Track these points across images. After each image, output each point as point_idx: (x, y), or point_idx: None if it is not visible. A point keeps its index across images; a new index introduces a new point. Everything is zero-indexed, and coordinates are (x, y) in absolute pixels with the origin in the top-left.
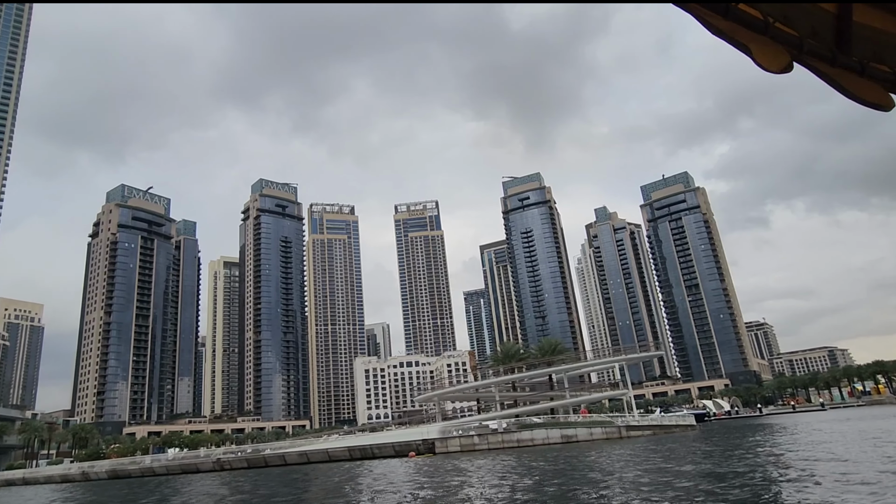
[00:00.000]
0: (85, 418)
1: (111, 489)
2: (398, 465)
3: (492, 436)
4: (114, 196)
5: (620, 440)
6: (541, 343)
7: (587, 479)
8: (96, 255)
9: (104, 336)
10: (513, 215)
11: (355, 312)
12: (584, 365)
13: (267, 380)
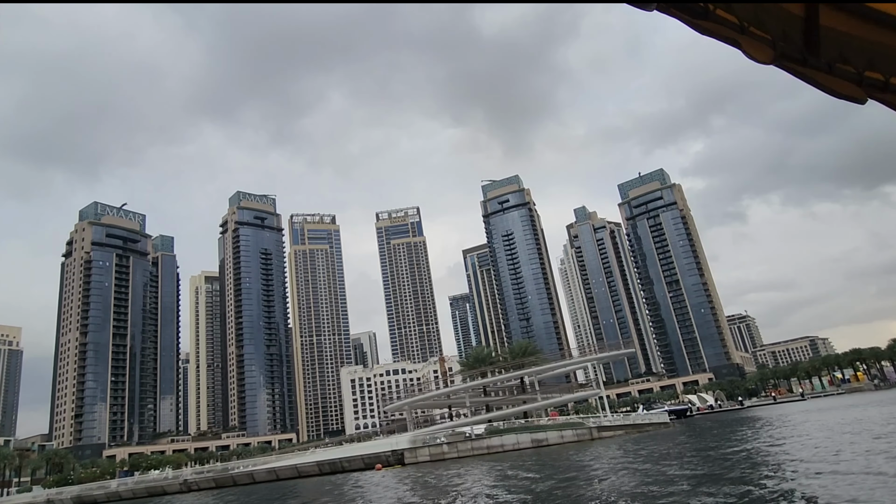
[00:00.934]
0: (63, 442)
1: None
2: (357, 481)
3: (461, 443)
4: (87, 214)
5: (592, 442)
6: (511, 346)
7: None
8: (70, 274)
9: (80, 357)
10: (493, 218)
11: (340, 322)
12: (553, 367)
13: (251, 394)
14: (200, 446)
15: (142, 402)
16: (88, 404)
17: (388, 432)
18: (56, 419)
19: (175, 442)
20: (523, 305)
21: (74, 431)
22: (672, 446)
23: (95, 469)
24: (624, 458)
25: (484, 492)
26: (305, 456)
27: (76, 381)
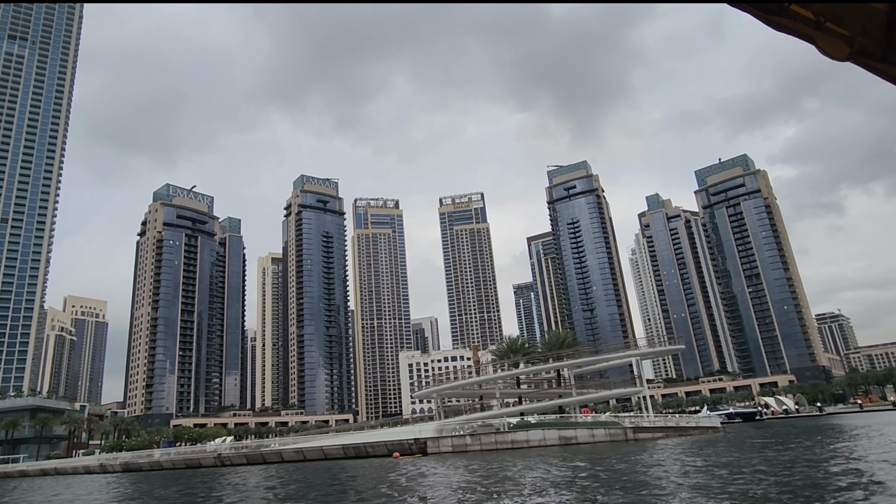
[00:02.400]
0: (135, 410)
1: (93, 483)
2: (367, 469)
3: (485, 436)
4: (160, 195)
5: (626, 443)
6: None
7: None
8: (144, 253)
9: (151, 331)
10: (559, 205)
11: (401, 307)
12: (593, 360)
13: (311, 374)
14: (261, 421)
15: (207, 377)
16: (158, 376)
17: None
18: (129, 389)
19: (237, 416)
20: (587, 296)
21: (145, 401)
22: (685, 455)
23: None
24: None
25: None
26: (331, 439)
27: (147, 354)
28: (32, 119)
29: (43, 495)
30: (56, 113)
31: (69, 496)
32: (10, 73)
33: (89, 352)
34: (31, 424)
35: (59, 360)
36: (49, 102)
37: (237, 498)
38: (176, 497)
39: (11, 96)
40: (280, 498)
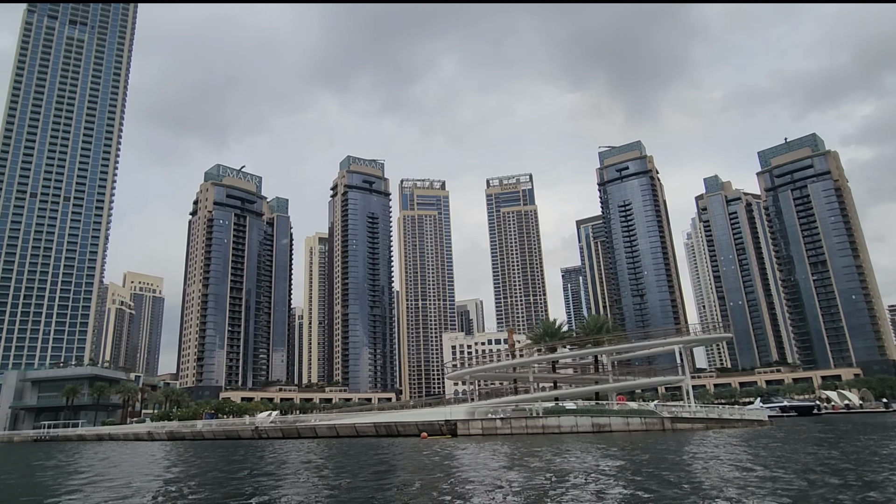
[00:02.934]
0: (187, 382)
1: (141, 450)
2: (393, 448)
3: (515, 420)
4: (210, 175)
5: (663, 433)
6: (586, 321)
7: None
8: (195, 231)
9: (202, 307)
10: (610, 187)
11: (446, 288)
12: (632, 347)
13: (354, 352)
14: (305, 397)
15: (255, 352)
16: (208, 350)
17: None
18: (182, 361)
19: (283, 391)
20: (638, 281)
21: (196, 374)
22: (717, 448)
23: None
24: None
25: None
26: (364, 416)
27: (198, 329)
28: (92, 102)
29: (97, 459)
30: (114, 96)
31: (118, 460)
32: (71, 57)
33: (147, 325)
34: (89, 392)
35: (119, 332)
36: (107, 85)
37: (281, 469)
38: (224, 465)
39: (73, 80)
40: (322, 471)
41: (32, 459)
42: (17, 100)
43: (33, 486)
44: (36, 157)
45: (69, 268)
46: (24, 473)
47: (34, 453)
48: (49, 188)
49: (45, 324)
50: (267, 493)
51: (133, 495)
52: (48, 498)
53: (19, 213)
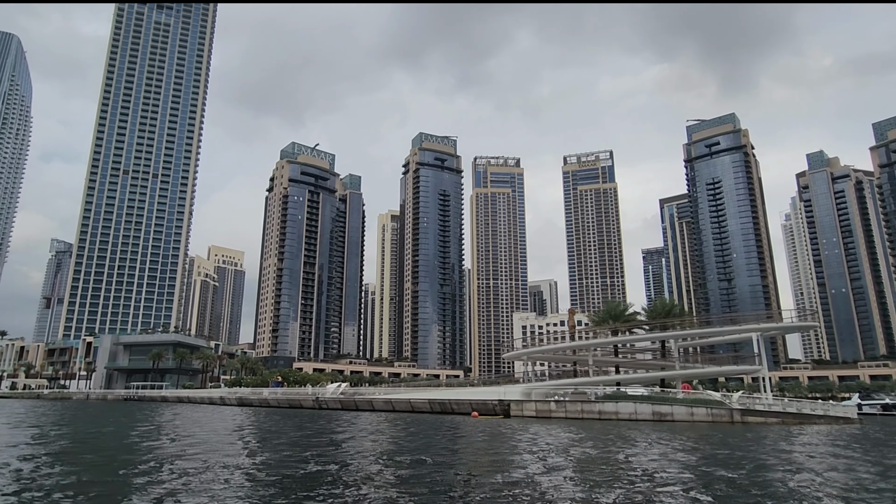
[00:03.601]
0: (263, 352)
1: (215, 413)
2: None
3: (570, 404)
4: (286, 153)
5: (730, 426)
6: (653, 305)
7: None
8: (271, 207)
9: (277, 280)
10: (698, 164)
11: (518, 268)
12: (702, 333)
13: (424, 329)
14: (375, 370)
15: (327, 325)
16: (283, 322)
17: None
18: (258, 332)
19: (353, 364)
20: (726, 264)
21: (271, 344)
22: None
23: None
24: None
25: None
26: (420, 392)
27: (273, 301)
28: (177, 83)
29: (187, 419)
30: (196, 77)
31: (204, 421)
32: (158, 41)
33: (229, 297)
34: (172, 357)
35: (204, 303)
36: (191, 68)
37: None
38: (289, 429)
39: (160, 63)
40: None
41: (130, 418)
42: (111, 83)
43: (134, 441)
44: (128, 136)
45: (157, 241)
46: (128, 430)
47: (129, 411)
48: (140, 166)
49: (137, 292)
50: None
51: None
52: (154, 450)
53: (114, 189)
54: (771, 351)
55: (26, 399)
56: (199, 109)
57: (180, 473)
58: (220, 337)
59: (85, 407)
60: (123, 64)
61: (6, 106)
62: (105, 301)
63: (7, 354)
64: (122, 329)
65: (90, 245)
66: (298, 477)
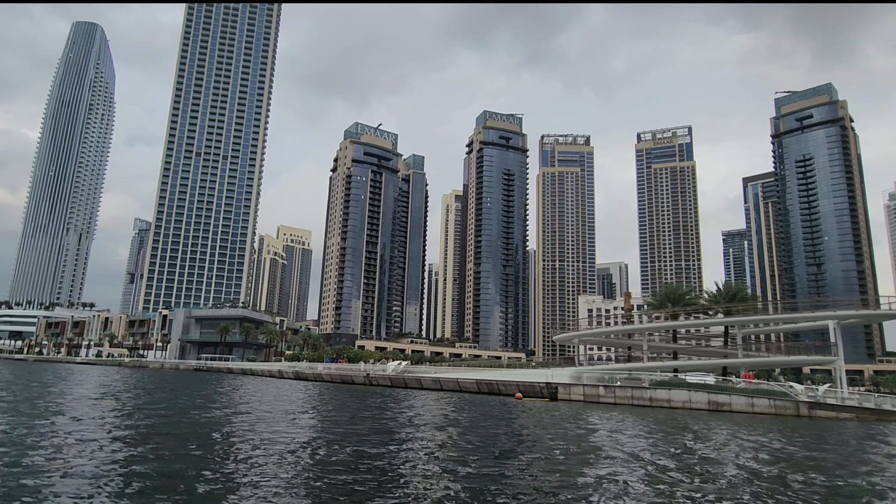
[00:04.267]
0: (326, 328)
1: (270, 386)
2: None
3: (620, 389)
4: (349, 133)
5: (796, 419)
6: (718, 289)
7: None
8: (335, 187)
9: (340, 259)
10: (787, 139)
11: (586, 249)
12: (770, 319)
13: (486, 310)
14: (436, 350)
15: (388, 304)
16: (346, 300)
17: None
18: (322, 309)
19: (414, 343)
20: (815, 248)
21: (334, 321)
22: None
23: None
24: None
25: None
26: (467, 373)
27: (337, 280)
28: (245, 67)
29: (253, 389)
30: (264, 61)
31: (275, 393)
32: (227, 26)
33: (297, 275)
34: (239, 331)
35: (273, 280)
36: (258, 51)
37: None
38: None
39: (229, 47)
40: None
41: (205, 389)
42: (184, 69)
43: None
44: (200, 119)
45: (227, 220)
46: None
47: (201, 382)
48: (210, 148)
49: (209, 268)
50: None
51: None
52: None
53: (187, 170)
54: (865, 342)
55: (109, 366)
56: (265, 92)
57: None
58: (287, 313)
59: (161, 376)
60: (195, 50)
61: (92, 93)
62: (180, 276)
63: (94, 325)
64: (196, 303)
65: (166, 224)
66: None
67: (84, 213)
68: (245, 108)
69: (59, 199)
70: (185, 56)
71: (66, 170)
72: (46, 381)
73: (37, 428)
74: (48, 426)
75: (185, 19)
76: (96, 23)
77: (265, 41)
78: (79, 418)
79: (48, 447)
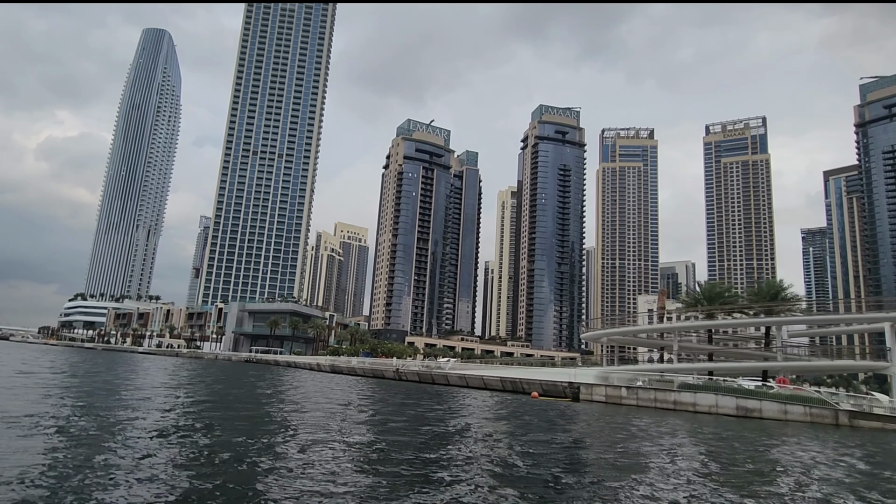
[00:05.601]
0: (377, 324)
1: (307, 380)
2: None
3: (643, 391)
4: (401, 130)
5: (835, 429)
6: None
7: None
8: (387, 184)
9: (391, 256)
10: (872, 128)
11: (648, 247)
12: (815, 320)
13: (539, 309)
14: (487, 348)
15: (440, 301)
16: (396, 296)
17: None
18: (373, 305)
19: (464, 341)
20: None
21: (385, 317)
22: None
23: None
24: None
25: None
26: (492, 370)
27: (387, 276)
28: (300, 68)
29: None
30: (318, 61)
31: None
32: (283, 28)
33: (354, 271)
34: (288, 325)
35: (330, 276)
36: (313, 52)
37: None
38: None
39: (285, 48)
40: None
41: (246, 378)
42: (242, 70)
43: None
44: (257, 119)
45: (282, 216)
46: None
47: (248, 372)
48: (266, 147)
49: (264, 264)
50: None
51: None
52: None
53: (245, 168)
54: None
55: (167, 357)
56: (320, 92)
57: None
58: (344, 309)
59: (212, 366)
60: (253, 52)
61: (160, 96)
62: (237, 271)
63: (157, 316)
64: (251, 297)
65: (224, 221)
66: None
67: (152, 210)
68: (300, 108)
69: (129, 198)
70: (243, 57)
71: (136, 169)
72: (99, 371)
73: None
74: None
75: (243, 21)
76: (164, 29)
77: (320, 41)
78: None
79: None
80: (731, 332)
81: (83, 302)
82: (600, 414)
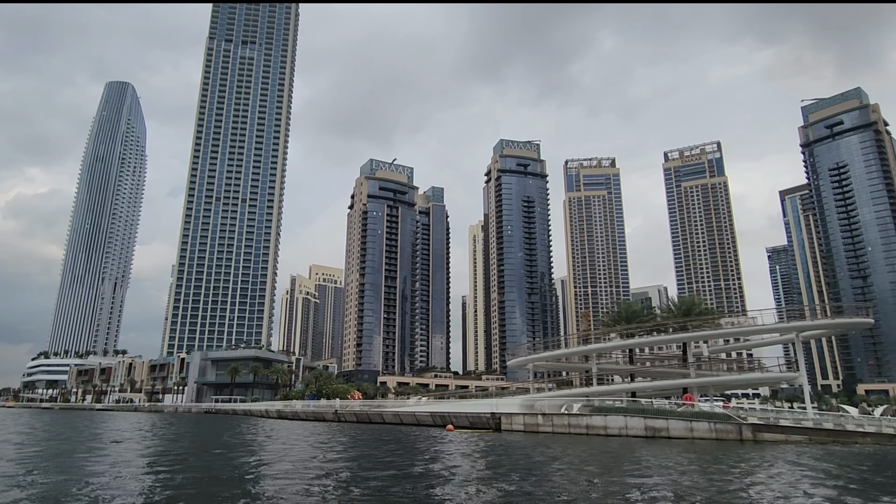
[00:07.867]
0: (348, 365)
1: (233, 425)
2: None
3: (557, 417)
4: (365, 170)
5: (739, 444)
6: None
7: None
8: (353, 224)
9: (360, 295)
10: (817, 148)
11: (618, 273)
12: (724, 334)
13: (512, 340)
14: (461, 384)
15: (412, 339)
16: (367, 336)
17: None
18: (344, 346)
19: (438, 377)
20: (858, 259)
21: (356, 358)
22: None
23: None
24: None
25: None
26: (421, 406)
27: (357, 316)
28: (262, 113)
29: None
30: (279, 106)
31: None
32: (244, 75)
33: (331, 313)
34: (249, 371)
35: (307, 319)
36: (273, 97)
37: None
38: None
39: (245, 95)
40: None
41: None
42: (203, 117)
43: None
44: (219, 165)
45: (247, 261)
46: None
47: (204, 425)
48: (230, 192)
49: (230, 310)
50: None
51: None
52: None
53: (208, 215)
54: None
55: (125, 412)
56: (282, 137)
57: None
58: (321, 352)
59: (167, 419)
60: (213, 99)
61: (124, 147)
62: (203, 319)
63: (119, 371)
64: (218, 345)
65: (189, 268)
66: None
67: (119, 262)
68: (262, 152)
69: (94, 250)
70: (203, 105)
71: (100, 221)
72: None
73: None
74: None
75: (203, 67)
76: (128, 82)
77: (279, 87)
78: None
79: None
80: (650, 350)
81: (45, 360)
82: (504, 444)
